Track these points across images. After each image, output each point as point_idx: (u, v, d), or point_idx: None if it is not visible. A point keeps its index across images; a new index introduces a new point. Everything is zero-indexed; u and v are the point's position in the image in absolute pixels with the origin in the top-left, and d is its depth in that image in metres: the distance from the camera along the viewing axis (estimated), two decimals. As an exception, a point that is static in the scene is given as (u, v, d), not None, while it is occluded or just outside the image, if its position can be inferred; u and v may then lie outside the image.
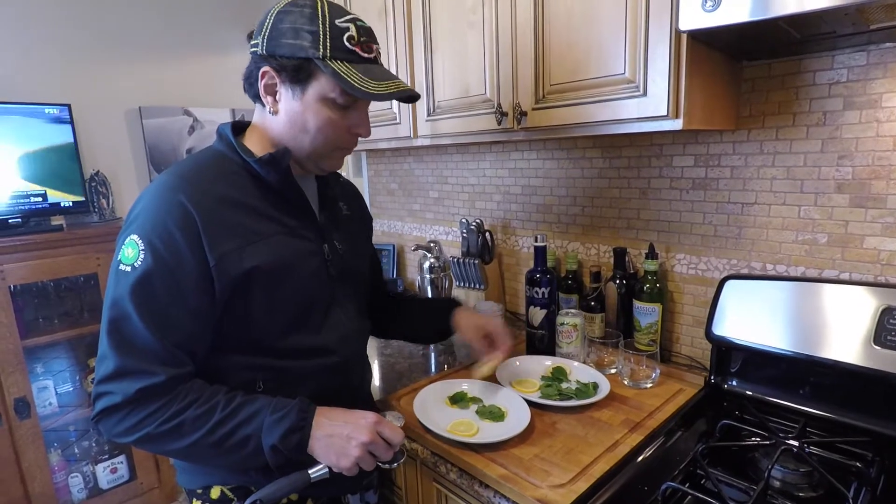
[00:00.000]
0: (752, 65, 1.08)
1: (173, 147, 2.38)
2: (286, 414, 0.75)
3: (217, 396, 0.75)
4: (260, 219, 0.80)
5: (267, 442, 0.73)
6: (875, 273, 1.00)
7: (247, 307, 0.78)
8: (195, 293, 0.73)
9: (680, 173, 1.24)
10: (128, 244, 0.73)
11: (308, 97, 0.78)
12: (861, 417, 0.95)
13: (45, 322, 2.02)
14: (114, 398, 0.72)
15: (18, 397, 1.81)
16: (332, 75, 0.75)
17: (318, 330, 0.87)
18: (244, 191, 0.80)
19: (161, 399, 0.72)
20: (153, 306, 0.72)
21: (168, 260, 0.72)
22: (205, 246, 0.73)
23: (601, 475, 0.84)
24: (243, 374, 0.81)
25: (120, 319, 0.72)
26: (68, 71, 2.11)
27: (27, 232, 1.84)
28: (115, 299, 0.72)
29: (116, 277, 0.73)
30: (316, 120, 0.79)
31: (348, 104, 0.80)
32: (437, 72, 1.32)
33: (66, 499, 2.02)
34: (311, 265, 0.85)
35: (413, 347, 1.49)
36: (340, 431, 0.76)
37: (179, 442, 0.73)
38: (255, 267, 0.76)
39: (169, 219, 0.72)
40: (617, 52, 0.95)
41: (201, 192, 0.75)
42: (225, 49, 2.52)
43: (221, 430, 0.73)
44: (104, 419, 0.74)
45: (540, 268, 1.33)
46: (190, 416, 0.72)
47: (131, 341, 0.72)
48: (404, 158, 2.04)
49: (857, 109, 0.98)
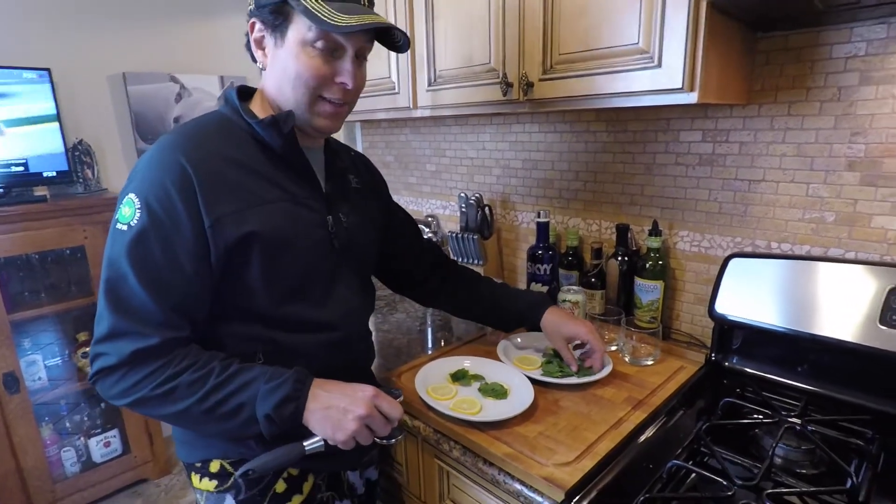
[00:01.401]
0: (768, 36, 1.05)
1: (160, 115, 2.29)
2: (281, 383, 0.73)
3: (213, 363, 0.74)
4: (263, 183, 0.78)
5: (261, 411, 0.72)
6: (882, 252, 0.99)
7: (245, 274, 0.77)
8: (191, 255, 0.72)
9: (686, 149, 1.22)
10: (125, 203, 0.72)
11: (289, 42, 0.76)
12: (863, 396, 0.96)
13: (32, 296, 1.97)
14: (109, 359, 0.71)
15: (7, 372, 1.78)
16: (302, 12, 0.72)
17: (321, 304, 0.85)
18: (248, 154, 0.78)
19: (156, 362, 0.71)
20: (149, 267, 0.71)
21: (164, 219, 0.70)
22: (201, 207, 0.71)
23: (606, 453, 0.84)
24: (243, 346, 0.80)
25: (116, 279, 0.71)
26: (47, 33, 2.00)
27: (9, 203, 1.78)
28: (111, 259, 0.71)
29: (113, 236, 0.72)
30: (296, 65, 0.76)
31: (328, 48, 0.76)
32: (439, 39, 1.27)
33: (59, 472, 2.01)
34: (313, 236, 0.83)
35: (411, 323, 1.47)
36: (337, 404, 0.74)
37: (173, 406, 0.72)
38: (252, 232, 0.74)
39: (167, 177, 0.71)
40: (631, 21, 0.91)
41: (203, 152, 0.74)
42: (213, 13, 2.41)
43: (215, 396, 0.72)
44: (100, 379, 0.73)
45: (542, 244, 1.31)
46: (184, 381, 0.71)
47: (127, 302, 0.71)
48: (401, 130, 1.99)
49: (873, 85, 0.95)
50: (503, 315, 1.16)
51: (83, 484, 2.04)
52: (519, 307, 1.13)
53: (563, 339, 1.07)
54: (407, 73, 1.37)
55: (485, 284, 1.17)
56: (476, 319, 1.23)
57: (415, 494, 1.11)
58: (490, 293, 1.16)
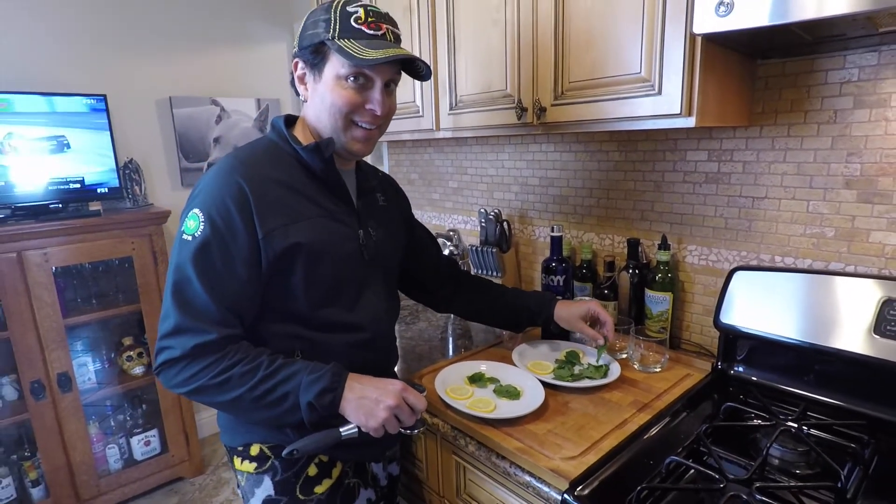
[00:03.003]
0: (767, 63, 1.12)
1: (201, 136, 2.46)
2: (321, 376, 0.83)
3: (261, 357, 0.84)
4: (304, 201, 0.89)
5: (303, 399, 0.81)
6: (879, 266, 1.04)
7: (288, 280, 0.88)
8: (246, 262, 0.83)
9: (693, 167, 1.28)
10: (190, 216, 0.83)
11: (326, 77, 0.87)
12: (859, 402, 1.00)
13: (84, 302, 2.14)
14: (173, 352, 0.81)
15: (61, 372, 1.93)
16: (336, 51, 0.84)
17: (351, 307, 0.95)
18: (292, 175, 0.90)
19: (213, 355, 0.81)
20: (210, 272, 0.81)
21: (224, 231, 0.82)
22: (255, 221, 0.83)
23: (610, 449, 0.91)
24: (283, 343, 0.90)
25: (182, 282, 0.82)
26: (103, 62, 2.20)
27: (67, 217, 1.95)
28: (178, 264, 0.82)
29: (180, 245, 0.83)
30: (332, 96, 0.87)
31: (360, 80, 0.87)
32: (460, 68, 1.38)
33: (104, 468, 2.15)
34: (346, 247, 0.94)
35: (433, 332, 1.56)
36: (370, 394, 0.84)
37: (227, 395, 0.82)
38: (297, 243, 0.86)
39: (227, 195, 0.82)
40: (634, 52, 1.00)
41: (255, 174, 0.85)
42: (251, 41, 2.60)
43: (263, 385, 0.81)
44: (164, 370, 0.83)
45: (556, 257, 1.39)
46: (237, 372, 0.81)
47: (191, 302, 0.81)
48: (424, 149, 2.10)
49: (867, 108, 1.02)
50: (514, 315, 1.24)
51: (125, 480, 2.17)
52: (528, 305, 1.22)
53: (581, 319, 1.17)
54: (430, 98, 1.48)
55: (495, 289, 1.27)
56: (489, 322, 1.33)
57: (434, 490, 1.19)
58: (500, 295, 1.25)
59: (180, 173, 2.44)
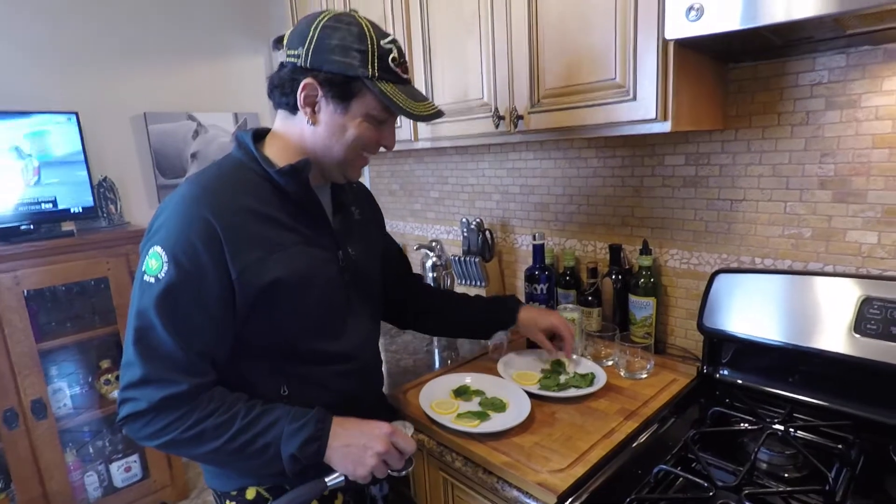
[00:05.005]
0: (738, 67, 1.13)
1: (178, 151, 2.42)
2: (304, 424, 0.78)
3: (237, 405, 0.78)
4: (280, 229, 0.82)
5: (286, 451, 0.76)
6: (857, 265, 1.05)
7: (271, 315, 0.82)
8: (217, 304, 0.76)
9: (671, 171, 1.29)
10: (151, 255, 0.75)
11: (352, 112, 0.82)
12: (843, 402, 1.00)
13: (58, 325, 2.08)
14: (139, 404, 0.74)
15: (35, 398, 1.87)
16: (379, 95, 0.80)
17: (338, 336, 0.91)
18: (264, 201, 0.82)
19: (184, 407, 0.75)
20: (177, 318, 0.74)
21: (192, 273, 0.74)
22: (227, 259, 0.76)
23: (598, 460, 0.89)
24: (269, 381, 0.85)
25: (146, 329, 0.74)
26: (75, 79, 2.16)
27: (39, 238, 1.90)
28: (140, 310, 0.75)
29: (141, 288, 0.75)
30: (355, 133, 0.83)
31: (383, 120, 0.85)
32: (437, 77, 1.37)
33: (82, 497, 2.08)
34: (327, 273, 0.88)
35: (418, 344, 1.54)
36: (357, 441, 0.80)
37: (202, 448, 0.76)
38: (276, 279, 0.79)
39: (192, 232, 0.74)
40: (608, 59, 1.00)
41: (223, 205, 0.77)
42: (227, 54, 2.57)
43: (242, 437, 0.76)
44: (129, 423, 0.76)
45: (538, 265, 1.38)
46: (211, 424, 0.75)
47: (156, 350, 0.74)
48: (405, 160, 2.09)
49: (837, 109, 1.03)
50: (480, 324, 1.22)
51: (105, 508, 2.10)
52: (495, 309, 1.21)
53: (541, 331, 1.17)
54: (408, 109, 1.46)
55: (460, 299, 1.25)
56: (456, 334, 1.32)
57: (422, 507, 1.16)
58: (466, 305, 1.23)
59: (157, 190, 2.39)
